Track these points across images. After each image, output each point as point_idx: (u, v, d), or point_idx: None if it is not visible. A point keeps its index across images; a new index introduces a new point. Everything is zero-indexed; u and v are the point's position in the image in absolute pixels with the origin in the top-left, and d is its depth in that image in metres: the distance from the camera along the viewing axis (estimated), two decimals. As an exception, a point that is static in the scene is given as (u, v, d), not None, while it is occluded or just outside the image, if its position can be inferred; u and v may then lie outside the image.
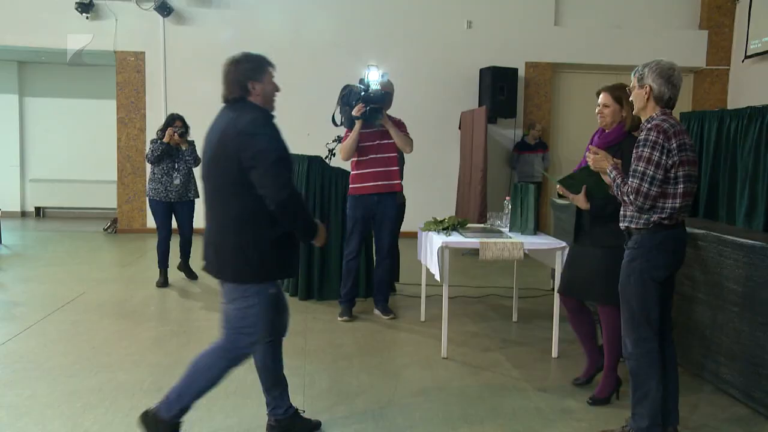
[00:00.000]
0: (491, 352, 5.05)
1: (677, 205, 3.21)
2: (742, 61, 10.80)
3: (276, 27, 10.75)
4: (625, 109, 3.85)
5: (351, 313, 5.90)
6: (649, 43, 10.94)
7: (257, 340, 3.21)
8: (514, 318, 5.95)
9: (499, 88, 10.43)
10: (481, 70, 10.79)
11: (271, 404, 3.53)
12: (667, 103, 3.28)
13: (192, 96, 10.58)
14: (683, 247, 3.36)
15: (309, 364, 4.68)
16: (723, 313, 4.17)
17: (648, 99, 3.29)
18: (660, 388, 3.34)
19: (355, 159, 5.79)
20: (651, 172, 3.16)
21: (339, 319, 5.82)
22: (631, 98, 3.40)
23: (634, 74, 3.35)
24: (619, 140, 3.82)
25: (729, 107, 10.50)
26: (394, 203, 5.86)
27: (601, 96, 3.95)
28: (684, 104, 11.15)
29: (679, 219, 3.27)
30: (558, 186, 3.81)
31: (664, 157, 3.16)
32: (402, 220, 6.63)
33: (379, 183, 5.72)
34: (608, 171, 3.37)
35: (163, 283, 6.92)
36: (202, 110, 10.31)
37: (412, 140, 5.85)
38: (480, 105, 10.58)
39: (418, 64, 10.85)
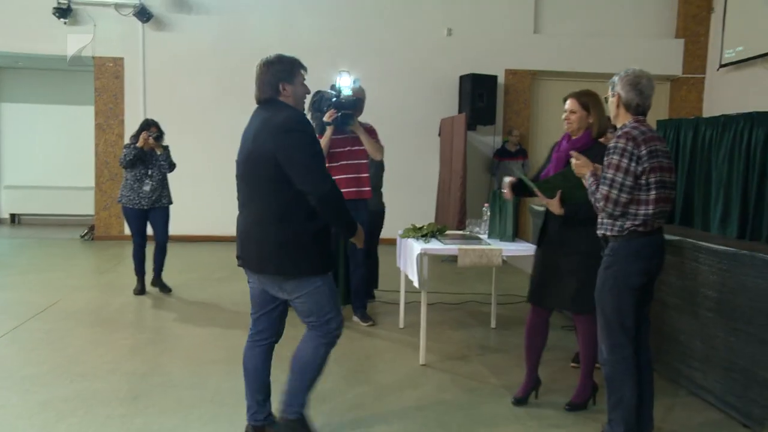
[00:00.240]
0: (469, 359, 5.05)
1: (650, 211, 3.23)
2: (717, 69, 10.95)
3: (255, 33, 10.74)
4: (591, 116, 3.86)
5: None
6: (627, 52, 11.06)
7: (341, 322, 3.34)
8: (493, 324, 5.96)
9: (478, 95, 10.48)
10: (460, 77, 10.85)
11: (252, 408, 3.51)
12: (636, 110, 3.31)
13: (172, 102, 10.58)
14: (660, 253, 3.37)
15: (286, 371, 4.64)
16: (698, 318, 4.21)
17: (618, 106, 3.35)
18: (635, 394, 3.37)
19: (326, 165, 5.74)
20: (620, 179, 3.20)
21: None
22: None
23: (609, 83, 3.40)
24: (587, 146, 3.82)
25: (705, 115, 10.64)
26: (366, 210, 5.85)
27: (568, 102, 3.94)
28: (661, 112, 11.27)
29: (655, 225, 3.29)
30: (535, 189, 3.81)
31: (633, 164, 3.19)
32: (381, 227, 6.64)
33: (350, 189, 5.71)
34: (587, 177, 3.40)
35: (141, 290, 6.86)
36: (182, 116, 10.41)
37: (382, 147, 5.85)
38: (460, 112, 10.63)
39: (398, 71, 10.89)
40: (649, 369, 3.52)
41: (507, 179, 4.15)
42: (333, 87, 5.70)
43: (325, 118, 5.57)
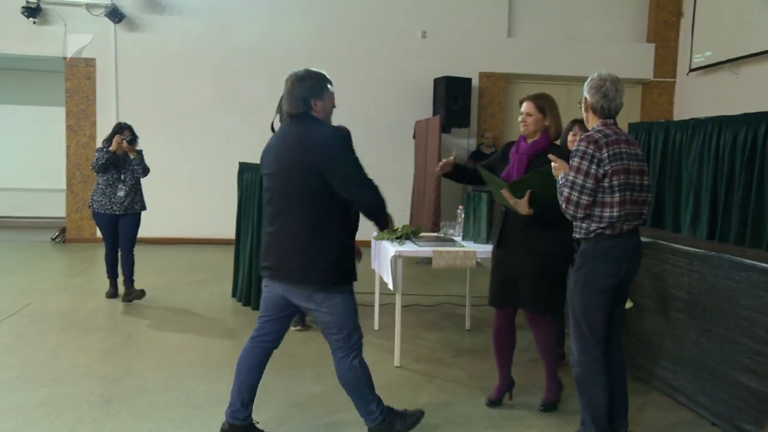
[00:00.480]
0: (444, 361, 5.07)
1: (615, 213, 3.25)
2: (687, 74, 11.11)
3: (230, 35, 10.70)
4: (548, 119, 3.88)
5: (304, 322, 5.87)
6: (599, 55, 11.19)
7: (361, 332, 3.45)
8: (467, 326, 5.99)
9: (453, 98, 10.53)
10: (435, 80, 10.89)
11: (235, 405, 3.52)
12: (602, 113, 3.36)
13: (145, 104, 10.48)
14: (632, 256, 3.38)
15: (275, 379, 4.62)
16: (669, 319, 4.27)
17: (587, 110, 3.42)
18: (604, 395, 3.40)
19: None
20: (580, 182, 3.23)
21: (292, 328, 5.78)
22: None
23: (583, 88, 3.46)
24: (546, 149, 3.84)
25: (675, 118, 10.79)
26: None
27: (524, 105, 3.94)
28: (633, 115, 11.41)
29: (624, 228, 3.31)
30: (502, 190, 3.75)
31: (594, 167, 3.22)
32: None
33: None
34: (559, 180, 3.43)
35: (113, 293, 6.78)
36: (156, 118, 10.33)
37: None
38: (434, 114, 10.67)
39: (373, 73, 10.91)
40: (622, 370, 3.56)
41: (450, 158, 4.11)
42: None
43: None
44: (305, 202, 3.20)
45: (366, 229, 6.82)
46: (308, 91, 3.29)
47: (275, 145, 3.36)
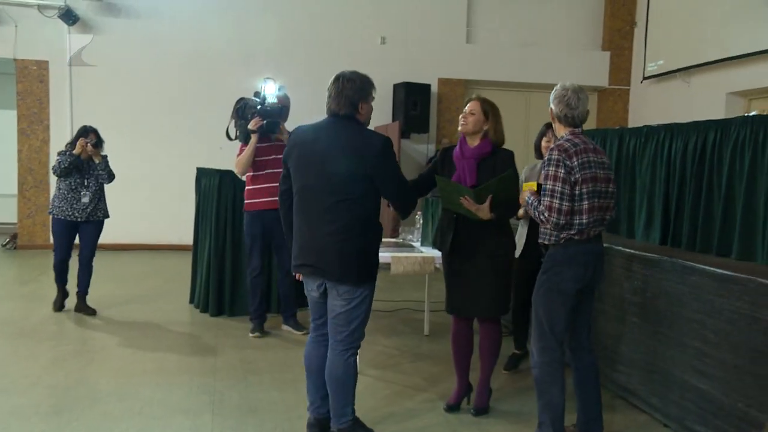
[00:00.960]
0: (402, 367, 5.08)
1: (584, 220, 3.34)
2: (641, 81, 11.35)
3: (187, 37, 10.59)
4: (488, 123, 3.90)
5: (263, 328, 5.82)
6: (556, 63, 11.36)
7: (364, 331, 3.52)
8: (426, 332, 6.01)
9: (412, 104, 10.59)
10: (394, 86, 10.93)
11: (316, 403, 3.65)
12: (567, 121, 3.44)
13: (101, 108, 10.27)
14: (596, 260, 3.48)
15: (219, 381, 4.59)
16: (624, 323, 4.35)
17: (553, 120, 3.51)
18: (563, 396, 3.46)
19: (251, 174, 5.68)
20: (559, 188, 3.30)
21: (250, 335, 5.74)
22: None
23: None
24: (492, 152, 3.88)
25: (630, 125, 11.01)
26: None
27: (470, 103, 3.96)
28: (589, 122, 11.49)
29: (591, 234, 3.39)
30: (462, 198, 3.74)
31: (567, 175, 3.30)
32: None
33: (275, 198, 5.64)
34: (527, 196, 3.47)
35: (60, 307, 6.43)
36: (112, 122, 10.14)
37: None
38: (393, 120, 10.71)
39: (331, 78, 10.87)
40: (595, 372, 3.63)
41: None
42: (257, 94, 5.62)
43: (250, 126, 5.49)
44: (356, 204, 3.32)
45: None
46: (358, 94, 3.36)
47: (312, 143, 3.38)
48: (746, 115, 4.87)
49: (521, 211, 4.37)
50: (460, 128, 3.96)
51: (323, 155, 3.33)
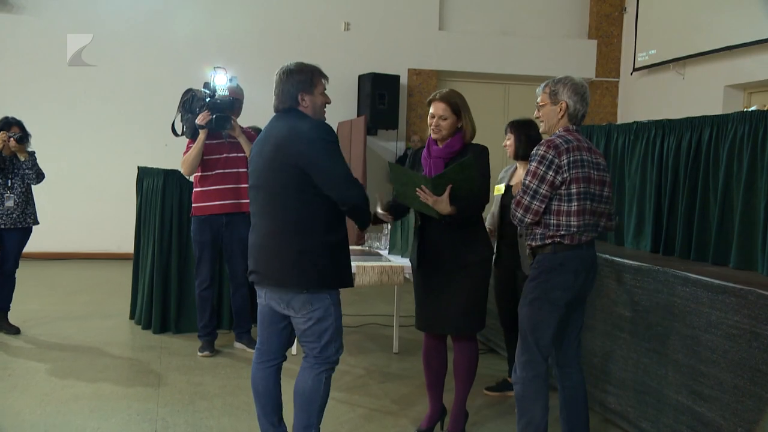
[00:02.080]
0: (369, 388, 5.08)
1: (573, 222, 3.37)
2: (631, 73, 11.50)
3: (126, 21, 10.46)
4: (463, 119, 3.90)
5: (213, 347, 5.78)
6: (537, 52, 11.46)
7: (341, 344, 3.53)
8: (395, 349, 6.01)
9: (379, 97, 10.59)
10: (360, 77, 10.93)
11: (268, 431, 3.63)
12: (573, 119, 3.49)
13: (29, 100, 10.08)
14: (588, 267, 3.52)
15: (163, 407, 4.54)
16: (612, 339, 4.39)
17: (563, 116, 3.48)
18: (545, 416, 3.49)
19: (199, 174, 5.64)
20: (534, 186, 3.36)
21: (199, 354, 5.69)
22: (538, 114, 3.55)
23: (544, 90, 3.53)
24: (461, 149, 3.88)
25: (619, 121, 11.15)
26: (246, 224, 5.77)
27: (436, 106, 3.90)
28: (574, 117, 11.71)
29: (582, 239, 3.43)
30: (418, 189, 3.64)
31: (551, 173, 3.34)
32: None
33: (227, 202, 5.63)
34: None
35: None
36: (41, 116, 9.98)
37: None
38: (359, 114, 10.71)
39: (290, 67, 10.83)
40: (583, 392, 3.66)
41: (378, 208, 4.02)
42: (206, 85, 5.57)
43: (198, 121, 5.44)
44: (290, 200, 3.34)
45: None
46: (297, 86, 3.44)
47: (260, 141, 3.51)
48: (745, 110, 4.96)
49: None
50: (434, 136, 3.91)
51: (260, 152, 3.47)
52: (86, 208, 10.44)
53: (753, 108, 4.86)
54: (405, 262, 4.87)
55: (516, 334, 4.84)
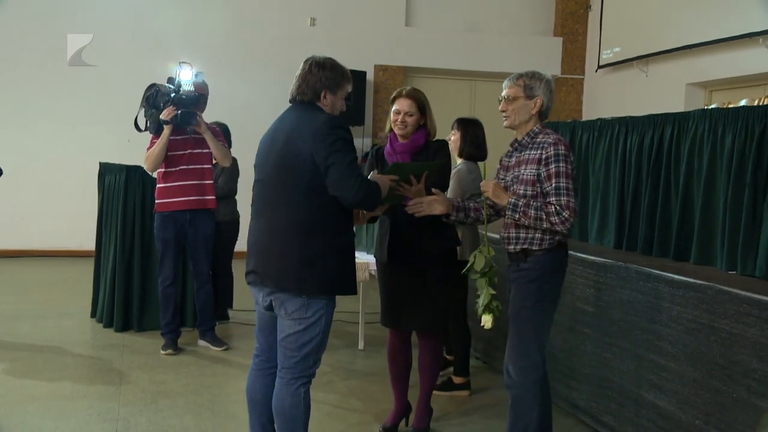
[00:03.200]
0: (334, 385, 5.08)
1: (574, 220, 3.39)
2: (596, 70, 11.61)
3: (88, 12, 10.32)
4: (427, 116, 3.97)
5: (176, 345, 5.75)
6: (504, 49, 11.52)
7: (320, 357, 3.39)
8: (360, 346, 6.02)
9: (346, 95, 10.55)
10: (326, 72, 10.88)
11: None
12: (544, 116, 3.51)
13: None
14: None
15: (124, 406, 4.51)
16: (574, 334, 4.45)
17: (536, 112, 3.46)
18: (540, 421, 3.46)
19: (162, 170, 5.61)
20: (572, 186, 3.34)
21: (162, 352, 5.65)
22: (505, 108, 3.48)
23: (516, 83, 3.46)
24: (425, 144, 3.94)
25: (584, 118, 11.25)
26: (211, 221, 5.78)
27: (402, 102, 3.95)
28: (540, 114, 11.80)
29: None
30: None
31: (573, 170, 3.38)
32: (235, 239, 6.59)
33: (191, 198, 5.61)
34: (508, 201, 3.40)
35: None
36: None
37: (230, 152, 5.79)
38: (325, 110, 10.66)
39: (253, 63, 10.78)
40: (547, 387, 3.62)
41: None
42: (171, 80, 5.53)
43: (163, 116, 5.40)
44: (297, 197, 3.21)
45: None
46: (323, 81, 3.31)
47: (271, 133, 3.39)
48: (705, 107, 5.05)
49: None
50: (399, 132, 3.97)
51: (271, 144, 3.35)
52: (46, 205, 10.28)
53: (713, 106, 4.94)
54: (370, 259, 4.88)
55: (458, 330, 4.89)
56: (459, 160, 4.93)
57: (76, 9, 10.29)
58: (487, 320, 3.58)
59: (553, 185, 3.32)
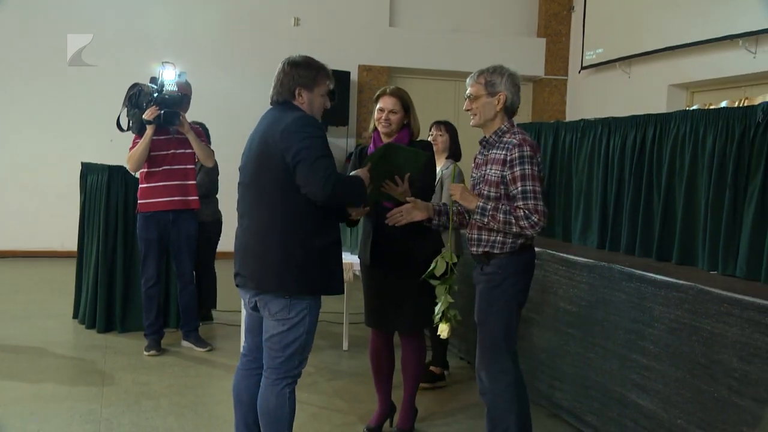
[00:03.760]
0: (319, 386, 5.08)
1: (541, 221, 3.33)
2: (579, 71, 11.68)
3: (70, 13, 10.25)
4: (410, 115, 3.99)
5: (159, 346, 5.72)
6: (487, 50, 11.50)
7: (306, 357, 3.37)
8: (345, 347, 6.02)
9: (329, 93, 10.54)
10: (310, 73, 10.87)
11: None
12: (510, 112, 3.42)
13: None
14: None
15: (107, 407, 4.48)
16: (557, 334, 4.47)
17: (501, 108, 3.38)
18: (518, 425, 3.43)
19: (145, 170, 5.59)
20: (538, 188, 3.29)
21: (145, 353, 5.63)
22: (469, 107, 3.44)
23: (477, 81, 3.40)
24: (410, 143, 3.94)
25: (568, 118, 11.30)
26: (194, 221, 5.76)
27: (386, 100, 3.97)
28: (524, 115, 11.85)
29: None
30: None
31: (538, 171, 3.32)
32: (218, 239, 6.56)
33: (174, 198, 5.59)
34: (476, 206, 3.35)
35: None
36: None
37: (213, 152, 5.78)
38: (309, 110, 10.65)
39: (237, 63, 10.75)
40: (523, 387, 3.60)
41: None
42: (154, 80, 5.51)
43: (146, 116, 5.38)
44: (275, 198, 3.20)
45: (230, 238, 6.71)
46: (296, 79, 3.31)
47: (251, 136, 3.39)
48: (687, 108, 5.08)
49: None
50: (383, 130, 3.98)
51: (251, 146, 3.35)
52: (28, 205, 10.21)
53: (695, 107, 4.99)
54: (354, 259, 4.88)
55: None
56: (444, 161, 4.94)
57: (60, 10, 10.22)
58: (443, 329, 3.53)
59: (519, 188, 3.28)
